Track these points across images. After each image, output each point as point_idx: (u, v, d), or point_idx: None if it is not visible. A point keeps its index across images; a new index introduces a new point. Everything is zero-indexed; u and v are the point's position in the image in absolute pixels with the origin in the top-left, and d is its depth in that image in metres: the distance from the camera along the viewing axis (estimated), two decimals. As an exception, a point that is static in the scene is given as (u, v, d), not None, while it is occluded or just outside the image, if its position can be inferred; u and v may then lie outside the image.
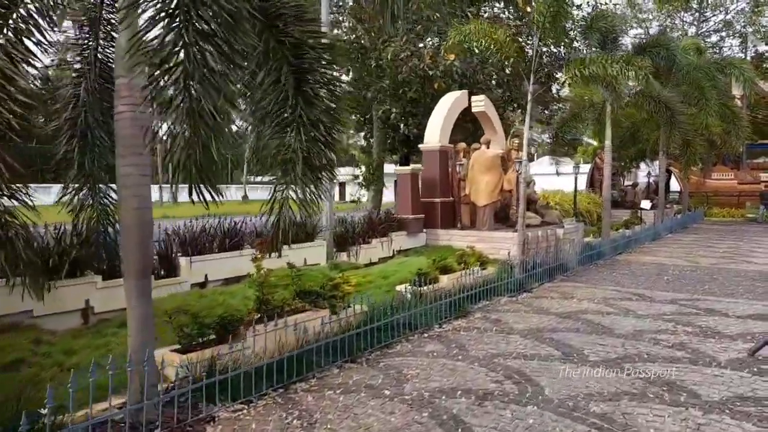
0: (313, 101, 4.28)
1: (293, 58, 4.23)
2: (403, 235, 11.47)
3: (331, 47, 4.42)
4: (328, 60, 4.37)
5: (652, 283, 10.25)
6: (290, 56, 4.21)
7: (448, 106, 12.41)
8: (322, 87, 4.36)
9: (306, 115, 4.23)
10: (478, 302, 8.33)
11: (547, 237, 11.62)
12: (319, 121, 4.29)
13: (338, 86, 4.48)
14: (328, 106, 4.37)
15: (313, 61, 4.31)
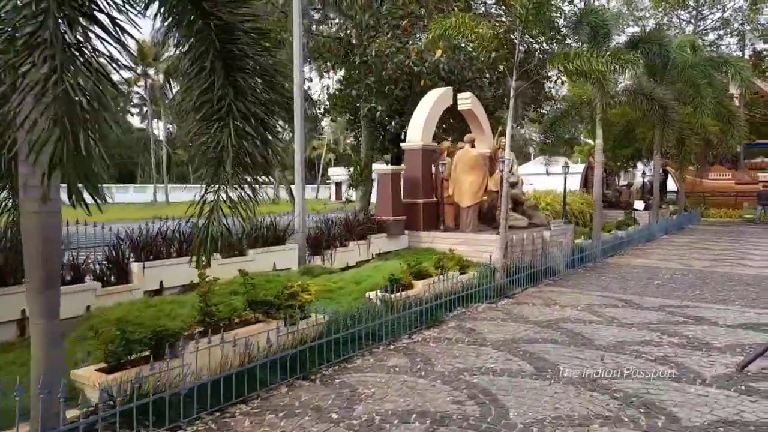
0: (244, 91, 3.81)
1: (222, 43, 3.77)
2: (384, 237, 11.01)
3: (266, 33, 3.96)
4: (263, 46, 3.90)
5: (641, 288, 9.79)
6: (218, 40, 3.75)
7: (431, 104, 11.95)
8: (256, 76, 3.90)
9: (236, 106, 3.77)
10: (454, 309, 7.87)
11: (533, 239, 11.16)
12: (252, 114, 3.83)
13: (275, 76, 4.00)
14: (262, 98, 3.90)
15: (246, 47, 3.84)
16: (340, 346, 5.62)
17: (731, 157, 30.00)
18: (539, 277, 10.31)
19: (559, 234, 11.88)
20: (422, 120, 11.70)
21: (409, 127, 11.96)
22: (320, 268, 9.03)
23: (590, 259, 12.94)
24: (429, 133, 11.81)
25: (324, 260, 9.45)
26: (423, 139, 11.59)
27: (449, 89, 12.69)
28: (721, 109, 18.88)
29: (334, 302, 7.36)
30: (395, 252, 11.15)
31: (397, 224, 11.18)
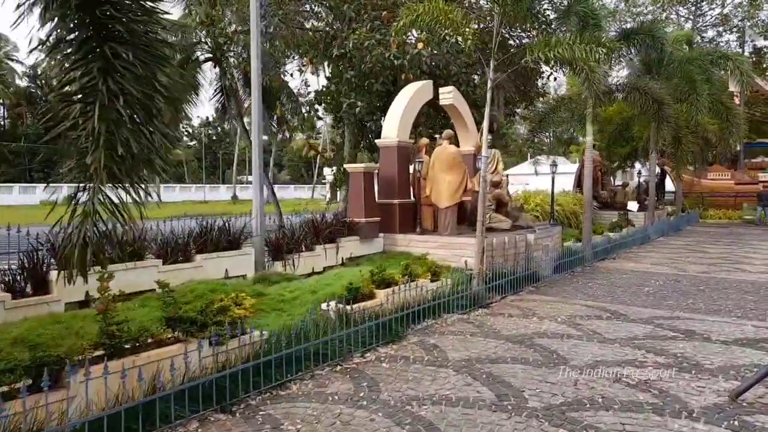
0: (116, 66, 3.07)
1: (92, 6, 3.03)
2: (356, 240, 10.26)
3: None
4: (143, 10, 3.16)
5: (630, 296, 9.05)
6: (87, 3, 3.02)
7: (408, 98, 11.21)
8: (133, 46, 3.16)
9: (107, 84, 3.03)
10: (420, 322, 7.14)
11: (516, 243, 10.41)
12: (128, 94, 3.09)
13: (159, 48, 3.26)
14: (142, 75, 3.16)
15: (121, 13, 3.10)
16: (272, 369, 4.88)
17: (731, 157, 29.25)
18: (521, 283, 9.58)
19: (544, 237, 11.14)
20: (398, 115, 10.95)
21: (385, 123, 11.22)
22: (279, 274, 8.28)
23: (579, 264, 12.21)
24: (405, 128, 11.07)
25: (285, 266, 8.71)
26: (399, 135, 10.85)
27: (429, 83, 11.95)
28: (718, 106, 18.12)
29: (285, 315, 6.63)
30: (368, 256, 10.41)
31: (370, 226, 10.44)
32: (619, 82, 13.23)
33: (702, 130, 22.28)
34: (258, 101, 8.35)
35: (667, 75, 17.65)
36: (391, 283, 7.40)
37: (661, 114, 13.18)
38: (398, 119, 10.88)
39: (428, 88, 11.80)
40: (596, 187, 22.43)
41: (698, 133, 21.95)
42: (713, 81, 17.99)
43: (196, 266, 7.43)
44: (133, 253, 6.78)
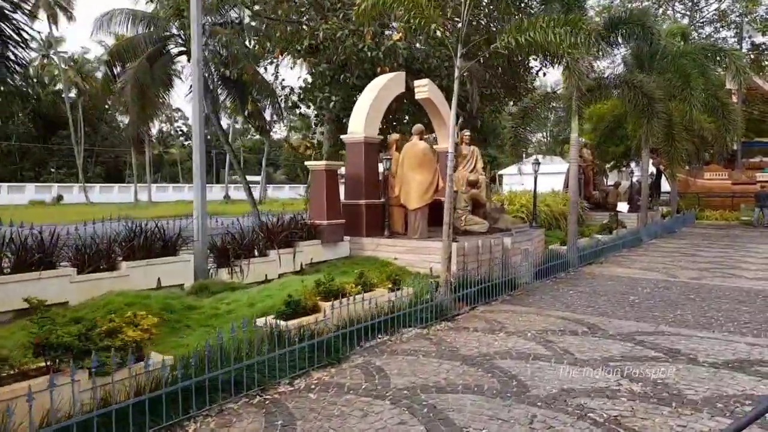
0: None
1: None
2: (317, 244, 9.45)
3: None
4: None
5: (612, 306, 8.24)
6: None
7: (376, 90, 10.39)
8: None
9: None
10: (373, 338, 6.33)
11: (491, 247, 9.60)
12: None
13: None
14: None
15: None
16: (163, 405, 4.05)
17: (728, 156, 28.45)
18: (495, 291, 8.77)
19: (524, 240, 10.33)
20: (365, 108, 10.13)
21: (351, 117, 10.40)
22: (223, 283, 7.46)
23: (563, 269, 11.41)
24: (373, 123, 10.25)
25: (232, 274, 7.88)
26: (366, 130, 10.03)
27: (400, 74, 11.13)
28: (714, 103, 17.31)
29: (214, 332, 5.81)
30: (330, 262, 9.60)
31: (334, 229, 9.62)
32: (607, 75, 12.43)
33: (698, 128, 21.49)
34: (198, 89, 7.53)
35: (660, 70, 16.87)
36: (341, 295, 6.58)
37: (651, 109, 12.37)
38: (365, 113, 10.07)
39: (400, 80, 10.99)
40: (587, 188, 21.65)
41: (694, 131, 21.16)
42: (709, 76, 17.19)
43: (121, 275, 6.60)
44: (40, 262, 5.95)
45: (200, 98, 7.59)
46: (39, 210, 32.54)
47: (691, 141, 20.76)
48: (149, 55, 16.86)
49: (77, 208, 39.68)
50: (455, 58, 7.78)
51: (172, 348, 5.34)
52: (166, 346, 5.33)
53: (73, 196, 53.65)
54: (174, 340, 5.54)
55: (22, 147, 64.55)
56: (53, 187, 56.20)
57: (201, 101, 7.62)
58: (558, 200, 18.42)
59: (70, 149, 56.86)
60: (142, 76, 16.31)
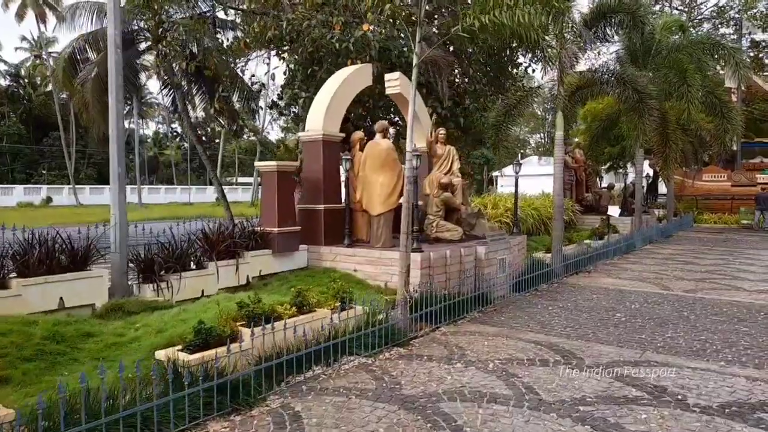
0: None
1: None
2: (267, 254, 8.46)
3: None
4: None
5: (594, 326, 7.26)
6: None
7: (339, 82, 9.41)
8: None
9: None
10: (304, 371, 5.34)
11: (461, 257, 8.61)
12: None
13: None
14: None
15: None
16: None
17: (727, 157, 27.48)
18: (464, 308, 7.80)
19: (500, 249, 9.35)
20: (324, 102, 9.15)
21: (309, 112, 9.42)
22: (143, 303, 6.47)
23: (546, 279, 10.44)
24: (334, 119, 9.26)
25: (159, 290, 6.88)
26: (325, 127, 9.04)
27: (367, 66, 10.14)
28: (713, 100, 16.35)
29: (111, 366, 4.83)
30: (282, 274, 8.61)
31: (287, 237, 8.63)
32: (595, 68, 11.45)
33: (695, 127, 20.56)
34: (114, 80, 6.55)
35: (654, 65, 15.93)
36: (271, 317, 5.59)
37: (643, 106, 11.39)
38: (324, 107, 9.08)
39: (366, 72, 10.01)
40: (579, 190, 20.70)
41: (691, 131, 20.23)
42: (706, 72, 16.24)
43: (11, 295, 5.61)
44: None
45: (118, 85, 6.60)
46: (12, 213, 31.50)
47: (688, 141, 19.82)
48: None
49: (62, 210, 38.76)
50: (413, 43, 6.80)
51: (47, 388, 4.36)
52: (34, 388, 4.35)
53: (62, 198, 52.86)
54: (50, 379, 4.55)
55: (14, 148, 63.67)
56: (42, 188, 55.39)
57: (119, 88, 6.63)
58: (547, 203, 17.42)
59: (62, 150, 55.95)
60: (103, 71, 15.31)
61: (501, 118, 11.90)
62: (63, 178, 59.74)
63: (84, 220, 20.42)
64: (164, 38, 15.39)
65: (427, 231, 9.87)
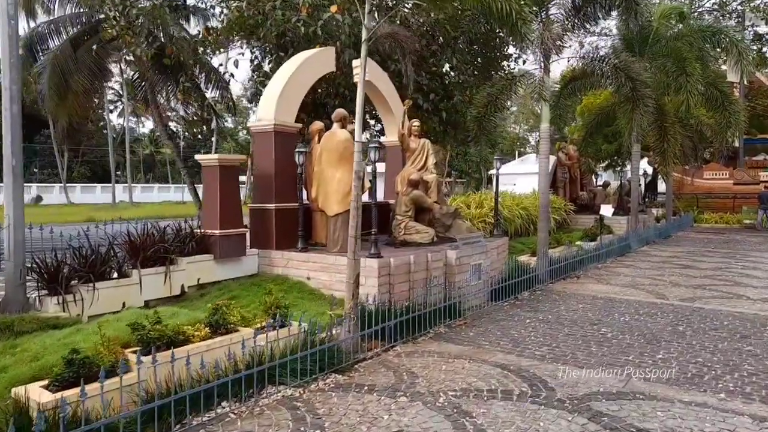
0: None
1: None
2: (208, 260, 7.48)
3: None
4: None
5: (575, 344, 6.28)
6: None
7: (295, 67, 8.42)
8: None
9: None
10: (213, 408, 4.37)
11: (428, 263, 7.62)
12: None
13: None
14: None
15: None
16: None
17: (729, 154, 26.47)
18: (428, 322, 6.82)
19: (475, 253, 8.37)
20: (278, 89, 8.15)
21: (261, 100, 8.42)
22: (42, 319, 5.48)
23: (528, 286, 9.46)
24: (289, 107, 8.27)
25: (64, 304, 5.90)
26: (278, 116, 8.05)
27: (328, 49, 9.14)
28: (714, 93, 15.32)
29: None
30: (224, 283, 7.63)
31: (232, 241, 7.64)
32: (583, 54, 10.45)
33: (695, 122, 19.56)
34: (8, 57, 5.57)
35: (652, 54, 14.93)
36: (175, 342, 4.62)
37: (636, 95, 10.38)
38: (277, 94, 8.09)
39: (327, 56, 9.01)
40: (573, 188, 19.70)
41: (691, 126, 19.23)
42: (706, 62, 15.22)
43: None
44: None
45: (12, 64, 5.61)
46: None
47: (687, 136, 18.82)
48: (74, 37, 14.89)
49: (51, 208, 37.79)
50: (362, 16, 5.81)
51: None
52: None
53: (53, 197, 52.02)
54: None
55: (5, 146, 62.64)
56: (32, 187, 54.61)
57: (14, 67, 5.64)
58: (537, 202, 16.41)
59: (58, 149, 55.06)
60: (63, 62, 14.37)
61: (483, 109, 10.88)
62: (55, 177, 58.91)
63: (53, 220, 19.43)
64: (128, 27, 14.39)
65: (394, 233, 8.89)
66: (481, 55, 16.21)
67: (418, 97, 13.64)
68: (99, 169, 70.38)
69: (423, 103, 13.67)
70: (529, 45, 8.60)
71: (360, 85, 5.96)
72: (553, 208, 16.99)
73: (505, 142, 63.87)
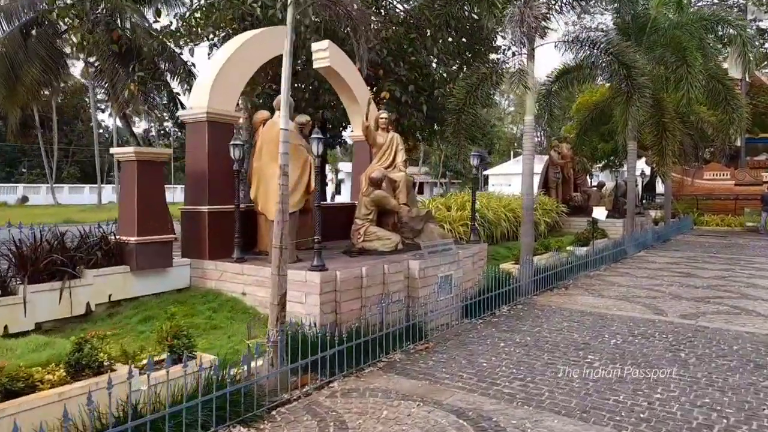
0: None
1: None
2: (125, 272, 6.31)
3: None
4: None
5: (554, 378, 5.14)
6: None
7: (235, 47, 7.27)
8: None
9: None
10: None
11: (384, 276, 6.46)
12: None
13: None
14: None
15: None
16: None
17: (730, 153, 25.35)
18: (383, 347, 5.69)
19: (444, 263, 7.22)
20: (213, 72, 6.99)
21: (194, 86, 7.25)
22: None
23: (509, 299, 8.31)
24: (227, 94, 7.10)
25: None
26: (213, 103, 6.88)
27: (278, 29, 7.96)
28: (716, 87, 14.20)
29: None
30: (144, 299, 6.46)
31: (153, 249, 6.47)
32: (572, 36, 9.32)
33: (696, 119, 18.45)
34: None
35: (649, 44, 13.82)
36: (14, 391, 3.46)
37: (631, 84, 9.25)
38: (211, 78, 6.93)
39: (276, 36, 7.83)
40: (567, 188, 18.57)
41: (691, 123, 18.12)
42: (708, 53, 14.11)
43: None
44: None
45: None
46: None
47: (687, 134, 17.71)
48: (24, 25, 13.74)
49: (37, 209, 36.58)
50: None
51: None
52: None
53: (40, 197, 50.87)
54: None
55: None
56: (18, 187, 53.51)
57: None
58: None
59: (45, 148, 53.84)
60: (12, 52, 13.23)
61: (461, 100, 9.74)
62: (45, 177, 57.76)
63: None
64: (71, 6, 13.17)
65: (352, 239, 7.74)
66: (468, 47, 15.09)
67: (396, 89, 12.51)
68: (90, 169, 69.09)
69: (401, 95, 12.53)
70: (509, 27, 7.46)
71: (286, 57, 4.80)
72: (544, 210, 15.87)
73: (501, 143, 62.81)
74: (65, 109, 60.73)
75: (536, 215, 15.19)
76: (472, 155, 9.04)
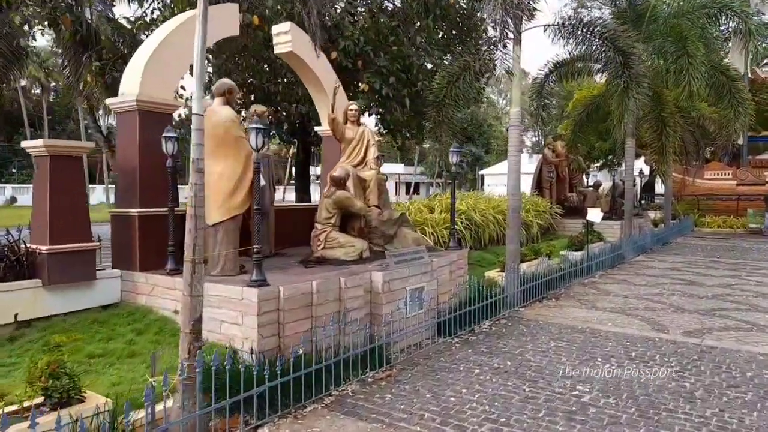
0: None
1: None
2: (34, 287, 5.39)
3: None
4: None
5: (533, 419, 4.22)
6: None
7: (173, 26, 6.34)
8: None
9: None
10: None
11: (341, 291, 5.53)
12: None
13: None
14: None
15: None
16: None
17: (732, 152, 24.44)
18: (334, 377, 4.77)
19: (414, 274, 6.30)
20: (145, 55, 6.06)
21: (125, 70, 6.32)
22: None
23: (491, 313, 7.39)
24: (163, 79, 6.16)
25: None
26: (145, 89, 5.95)
27: (227, 6, 7.02)
28: (720, 79, 13.29)
29: None
30: (59, 318, 5.52)
31: (70, 260, 5.54)
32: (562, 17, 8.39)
33: (697, 115, 17.55)
34: None
35: (648, 34, 12.92)
36: None
37: (628, 73, 8.34)
38: (143, 61, 6.00)
39: (226, 15, 6.90)
40: (562, 188, 17.67)
41: (692, 119, 17.22)
42: (710, 43, 13.22)
43: None
44: None
45: None
46: None
47: (688, 130, 16.81)
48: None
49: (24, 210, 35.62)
50: None
51: None
52: None
53: (28, 198, 49.82)
54: None
55: (-14, 148, 60.71)
56: (6, 188, 52.54)
57: None
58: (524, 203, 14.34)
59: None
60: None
61: (441, 91, 8.82)
62: (35, 177, 56.84)
63: None
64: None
65: (312, 246, 6.82)
66: (460, 41, 14.20)
67: (376, 81, 11.59)
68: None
69: (382, 88, 11.61)
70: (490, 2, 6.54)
71: (198, 31, 3.89)
72: (537, 212, 14.96)
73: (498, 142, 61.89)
74: (56, 109, 59.81)
75: (528, 217, 14.27)
76: (451, 151, 8.11)
